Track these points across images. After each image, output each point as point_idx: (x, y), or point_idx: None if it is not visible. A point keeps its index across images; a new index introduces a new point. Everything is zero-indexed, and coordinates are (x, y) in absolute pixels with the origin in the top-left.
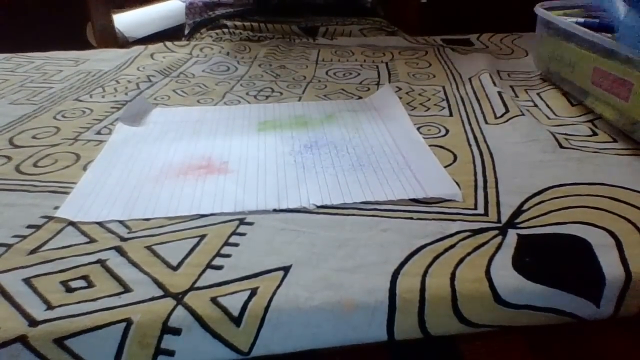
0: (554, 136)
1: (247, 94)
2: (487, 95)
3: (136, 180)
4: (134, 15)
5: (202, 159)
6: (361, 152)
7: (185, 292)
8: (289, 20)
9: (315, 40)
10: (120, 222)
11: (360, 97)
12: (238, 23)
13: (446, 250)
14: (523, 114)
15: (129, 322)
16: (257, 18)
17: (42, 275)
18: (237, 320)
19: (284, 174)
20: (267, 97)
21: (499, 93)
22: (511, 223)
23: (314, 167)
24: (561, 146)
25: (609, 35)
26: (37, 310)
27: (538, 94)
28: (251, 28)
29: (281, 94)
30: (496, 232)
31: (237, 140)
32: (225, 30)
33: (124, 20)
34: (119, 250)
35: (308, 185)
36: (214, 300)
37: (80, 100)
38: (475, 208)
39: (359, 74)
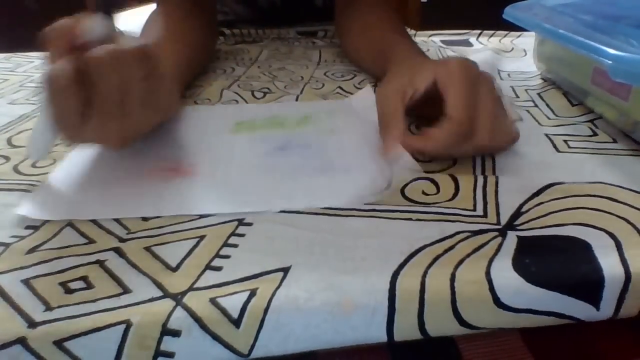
0: (554, 137)
1: (244, 92)
2: None
3: (105, 179)
4: (135, 15)
5: (172, 161)
6: (333, 154)
7: (184, 293)
8: (287, 27)
9: (314, 44)
10: (119, 222)
11: None
12: (236, 30)
13: (446, 251)
14: (521, 119)
15: (128, 324)
16: (255, 25)
17: (41, 276)
18: (236, 322)
19: (252, 176)
20: (264, 94)
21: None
22: (511, 225)
23: (283, 170)
24: (560, 147)
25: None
26: (36, 311)
27: (538, 94)
28: (248, 34)
29: (279, 93)
30: (496, 233)
31: (210, 142)
32: (222, 38)
33: (124, 20)
34: (118, 251)
35: (273, 188)
36: (213, 301)
37: None
38: (474, 209)
39: (356, 75)
